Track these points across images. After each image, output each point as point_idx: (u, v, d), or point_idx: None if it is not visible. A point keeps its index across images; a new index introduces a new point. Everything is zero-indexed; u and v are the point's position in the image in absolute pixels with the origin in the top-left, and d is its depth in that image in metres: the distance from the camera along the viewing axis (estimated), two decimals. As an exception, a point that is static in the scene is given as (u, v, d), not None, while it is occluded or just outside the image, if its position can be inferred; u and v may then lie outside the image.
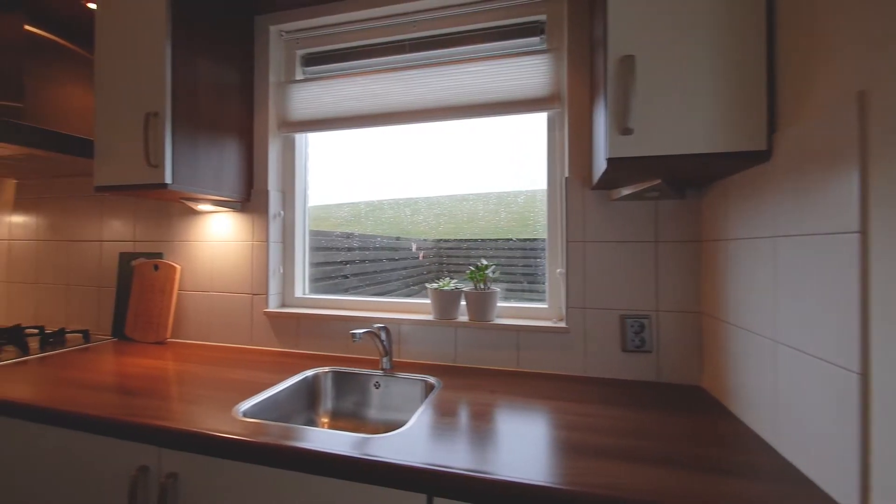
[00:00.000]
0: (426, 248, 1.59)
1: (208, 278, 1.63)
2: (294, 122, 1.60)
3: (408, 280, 1.63)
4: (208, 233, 1.64)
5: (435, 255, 1.57)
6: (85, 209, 1.84)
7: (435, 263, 1.56)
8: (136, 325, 1.64)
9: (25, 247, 1.95)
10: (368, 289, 1.62)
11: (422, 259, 1.78)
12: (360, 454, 0.76)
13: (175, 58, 1.27)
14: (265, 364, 1.35)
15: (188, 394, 1.06)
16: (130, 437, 0.88)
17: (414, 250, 1.78)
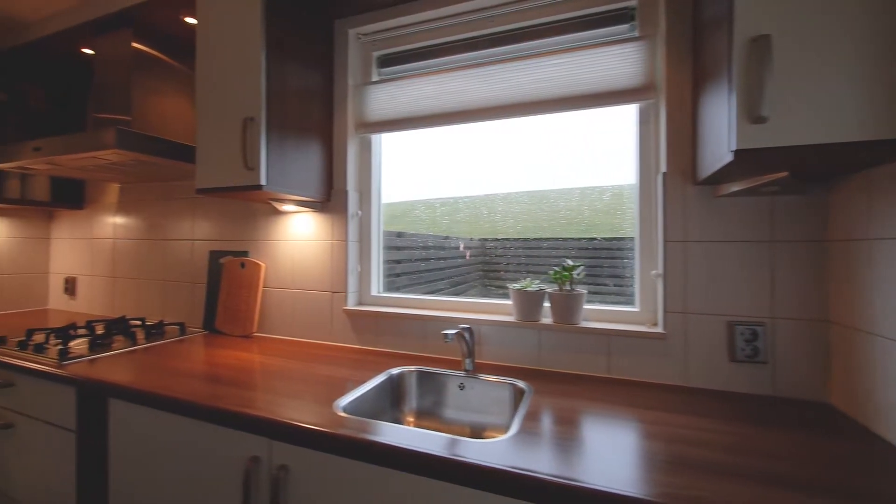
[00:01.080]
0: (473, 246, 1.59)
1: (290, 276, 1.70)
2: (371, 122, 1.62)
3: (465, 278, 1.60)
4: (290, 232, 1.70)
5: (500, 255, 1.53)
6: (178, 211, 1.98)
7: (501, 263, 1.53)
8: (226, 319, 1.74)
9: (127, 245, 2.13)
10: (419, 287, 1.63)
11: (468, 259, 1.75)
12: (477, 460, 0.74)
13: (269, 65, 1.32)
14: (348, 360, 1.38)
15: (287, 388, 1.10)
16: (244, 427, 0.92)
17: (461, 249, 1.76)
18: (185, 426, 1.02)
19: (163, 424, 1.05)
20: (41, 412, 1.28)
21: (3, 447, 1.37)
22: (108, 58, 1.74)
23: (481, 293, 1.59)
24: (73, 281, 2.29)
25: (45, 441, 1.26)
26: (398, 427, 0.87)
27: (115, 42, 1.72)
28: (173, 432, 1.03)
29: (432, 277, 1.69)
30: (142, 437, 1.08)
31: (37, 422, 1.29)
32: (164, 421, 1.05)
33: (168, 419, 1.04)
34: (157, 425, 1.06)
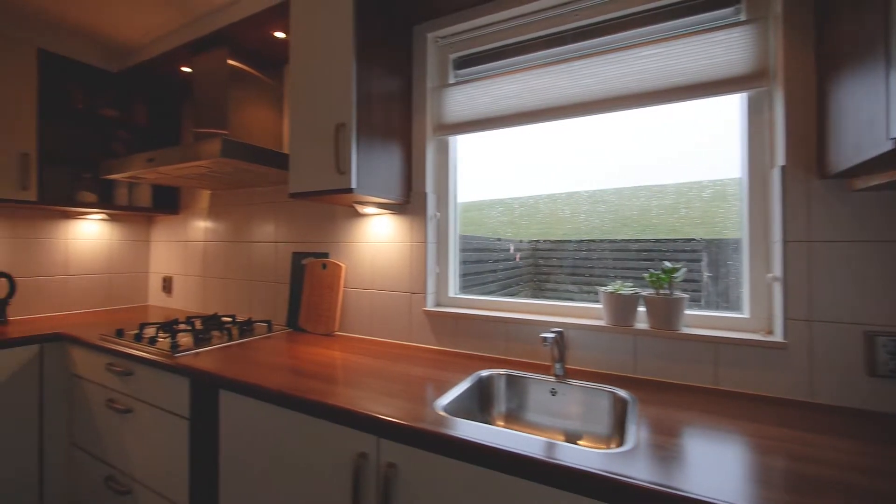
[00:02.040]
0: (542, 248, 1.56)
1: (369, 276, 1.74)
2: (449, 124, 1.63)
3: (517, 280, 1.55)
4: (369, 234, 1.75)
5: (584, 257, 1.47)
6: (262, 215, 2.11)
7: (585, 265, 1.46)
8: (308, 318, 1.82)
9: (216, 247, 2.30)
10: (476, 289, 1.61)
11: (518, 261, 1.71)
12: (606, 471, 0.70)
13: (358, 72, 1.36)
14: (430, 361, 1.38)
15: (382, 387, 1.12)
16: (353, 424, 0.95)
17: (511, 251, 1.72)
18: (293, 420, 1.07)
19: (271, 417, 1.11)
20: (157, 399, 1.39)
21: (123, 430, 1.51)
22: (206, 75, 1.89)
23: (534, 296, 1.54)
24: (170, 280, 2.50)
25: (161, 426, 1.38)
26: (508, 431, 0.85)
27: (213, 60, 1.86)
28: (281, 425, 1.09)
29: (488, 279, 1.68)
30: (250, 427, 1.15)
31: (153, 408, 1.41)
32: (272, 413, 1.10)
33: (276, 412, 1.09)
34: (266, 417, 1.12)
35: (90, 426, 1.65)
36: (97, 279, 2.39)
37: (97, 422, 1.61)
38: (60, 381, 1.76)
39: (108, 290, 2.43)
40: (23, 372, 1.66)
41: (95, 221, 2.38)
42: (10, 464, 1.62)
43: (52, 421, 1.73)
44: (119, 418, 1.52)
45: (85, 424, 1.67)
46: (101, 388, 1.59)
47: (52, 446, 1.73)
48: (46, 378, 1.72)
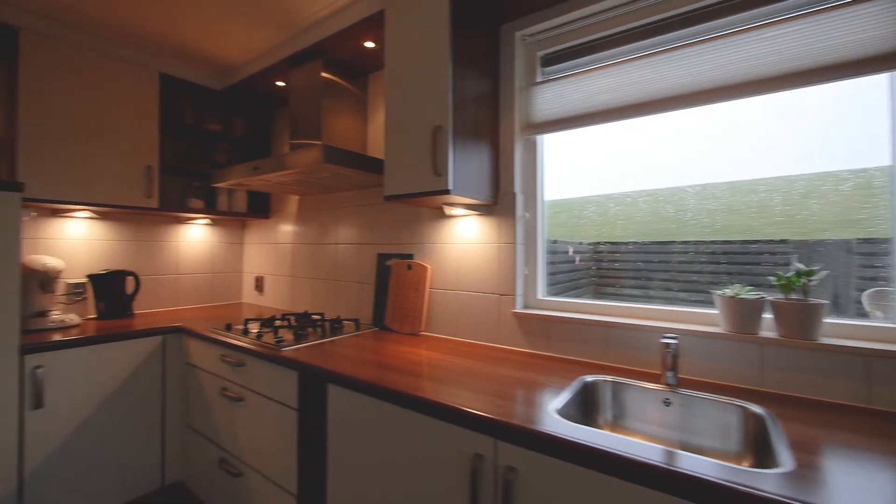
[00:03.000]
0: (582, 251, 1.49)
1: (455, 277, 1.75)
2: (537, 123, 1.60)
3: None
4: (455, 235, 1.76)
5: (685, 259, 1.36)
6: (348, 218, 2.20)
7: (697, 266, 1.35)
8: (394, 317, 1.87)
9: (304, 249, 2.44)
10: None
11: (578, 263, 1.63)
12: (793, 498, 0.64)
13: (454, 75, 1.38)
14: (524, 364, 1.36)
15: (486, 387, 1.11)
16: (468, 425, 0.95)
17: (570, 254, 1.63)
18: (403, 417, 1.09)
19: (380, 413, 1.14)
20: (267, 389, 1.49)
21: (234, 417, 1.64)
22: (301, 88, 2.02)
23: (620, 299, 1.44)
24: (262, 279, 2.70)
25: (270, 415, 1.48)
26: (642, 442, 0.80)
27: (307, 73, 1.98)
28: (390, 421, 1.11)
29: (560, 280, 1.62)
30: (358, 422, 1.19)
31: (262, 398, 1.51)
32: (381, 410, 1.14)
33: (385, 408, 1.12)
34: (374, 413, 1.15)
35: (204, 411, 1.81)
36: (201, 278, 2.63)
37: (211, 408, 1.77)
38: (178, 369, 1.95)
39: (209, 287, 2.67)
40: (149, 359, 1.86)
41: (200, 226, 2.63)
42: (138, 441, 1.82)
43: (172, 405, 1.93)
44: (231, 405, 1.65)
45: (199, 409, 1.84)
46: (215, 378, 1.74)
47: (171, 428, 1.93)
48: (167, 366, 1.92)
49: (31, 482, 1.54)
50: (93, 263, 2.19)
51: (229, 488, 1.65)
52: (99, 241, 2.21)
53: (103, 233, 2.23)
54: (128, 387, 1.79)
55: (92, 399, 1.69)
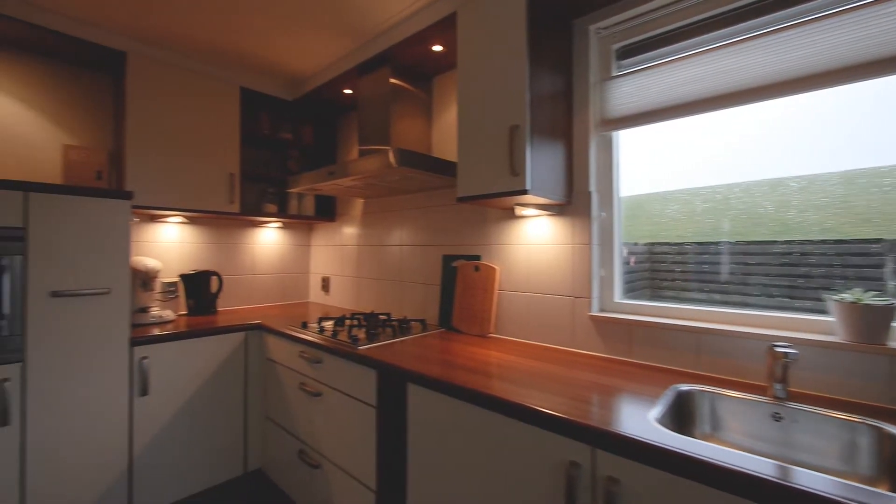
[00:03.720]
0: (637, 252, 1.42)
1: (524, 279, 1.72)
2: (613, 119, 1.53)
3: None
4: (524, 236, 1.73)
5: (787, 261, 1.23)
6: (413, 219, 2.24)
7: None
8: (462, 319, 1.87)
9: (369, 250, 2.52)
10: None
11: (632, 265, 1.54)
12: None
13: (531, 73, 1.36)
14: (607, 369, 1.30)
15: (572, 392, 1.07)
16: (563, 431, 0.92)
17: (625, 255, 1.54)
18: (488, 419, 1.08)
19: (463, 414, 1.14)
20: (345, 386, 1.55)
21: (312, 411, 1.72)
22: (370, 95, 2.08)
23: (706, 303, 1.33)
24: (328, 280, 2.82)
25: (348, 411, 1.53)
26: (757, 457, 0.74)
27: (376, 80, 2.04)
28: (475, 424, 1.11)
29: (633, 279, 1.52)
30: (440, 422, 1.20)
31: (341, 394, 1.57)
32: (464, 411, 1.13)
33: (469, 410, 1.12)
34: (457, 414, 1.15)
35: (282, 404, 1.91)
36: (273, 278, 2.79)
37: (289, 401, 1.86)
38: (258, 364, 2.08)
39: (280, 287, 2.83)
40: (234, 353, 2.00)
41: (273, 229, 2.79)
42: (224, 429, 1.96)
43: (253, 397, 2.06)
44: (309, 400, 1.73)
45: (278, 402, 1.95)
46: (293, 373, 1.83)
47: (252, 418, 2.05)
48: (249, 360, 2.05)
49: (138, 460, 1.70)
50: (183, 264, 2.39)
51: (308, 478, 1.73)
52: (188, 244, 2.41)
53: (191, 236, 2.42)
54: (215, 378, 1.93)
55: (186, 389, 1.84)
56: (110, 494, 1.63)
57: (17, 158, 1.93)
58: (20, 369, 1.45)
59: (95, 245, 1.61)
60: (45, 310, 1.50)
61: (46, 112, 2.01)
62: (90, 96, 2.13)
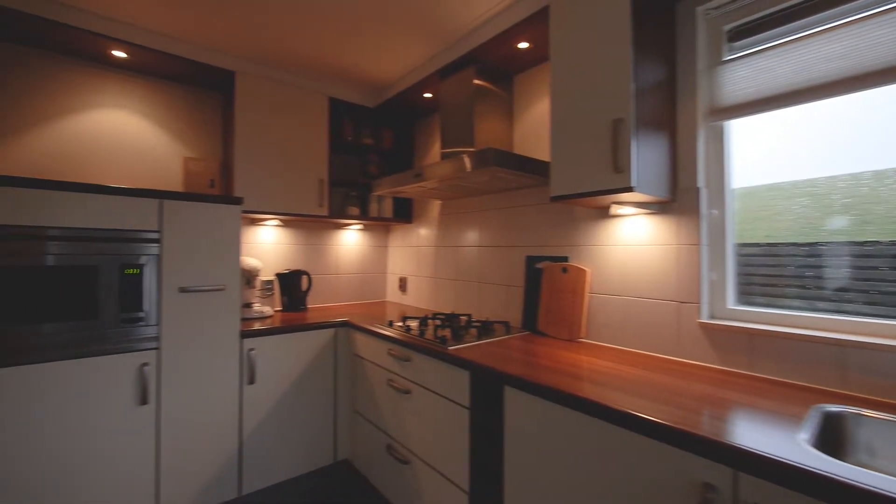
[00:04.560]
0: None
1: (619, 282, 1.63)
2: (727, 107, 1.39)
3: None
4: (618, 237, 1.64)
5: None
6: (493, 220, 2.22)
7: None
8: (548, 322, 1.82)
9: (447, 252, 2.54)
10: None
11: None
12: None
13: (635, 62, 1.28)
14: (726, 383, 1.18)
15: (693, 406, 0.98)
16: (692, 448, 0.84)
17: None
18: (602, 432, 1.03)
19: (570, 423, 1.09)
20: (435, 385, 1.57)
21: (400, 407, 1.76)
22: (453, 97, 2.10)
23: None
24: (405, 280, 2.89)
25: (439, 410, 1.54)
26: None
27: (460, 82, 2.06)
28: (584, 434, 1.06)
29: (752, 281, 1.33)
30: (543, 430, 1.16)
31: (431, 393, 1.59)
32: (572, 420, 1.09)
33: (578, 419, 1.07)
34: (562, 422, 1.11)
35: (370, 399, 1.98)
36: (354, 277, 2.92)
37: (377, 397, 1.93)
38: (346, 359, 2.18)
39: (360, 286, 2.96)
40: (325, 348, 2.12)
41: (354, 231, 2.92)
42: (317, 420, 2.08)
43: (341, 390, 2.16)
44: (397, 396, 1.78)
45: (365, 397, 2.03)
46: (381, 369, 1.89)
47: (341, 411, 2.16)
48: (338, 355, 2.16)
49: (247, 443, 1.86)
50: (277, 264, 2.58)
51: (396, 473, 1.78)
52: (282, 245, 2.60)
53: (285, 238, 2.61)
54: (308, 371, 2.05)
55: (285, 380, 1.98)
56: (224, 471, 1.79)
57: (148, 170, 2.21)
58: (156, 355, 1.64)
59: (213, 246, 1.79)
60: (174, 304, 1.69)
61: (169, 128, 2.28)
62: (204, 113, 2.38)
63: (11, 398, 1.37)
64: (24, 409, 1.39)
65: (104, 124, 2.09)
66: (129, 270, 1.59)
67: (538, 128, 2.00)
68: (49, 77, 1.96)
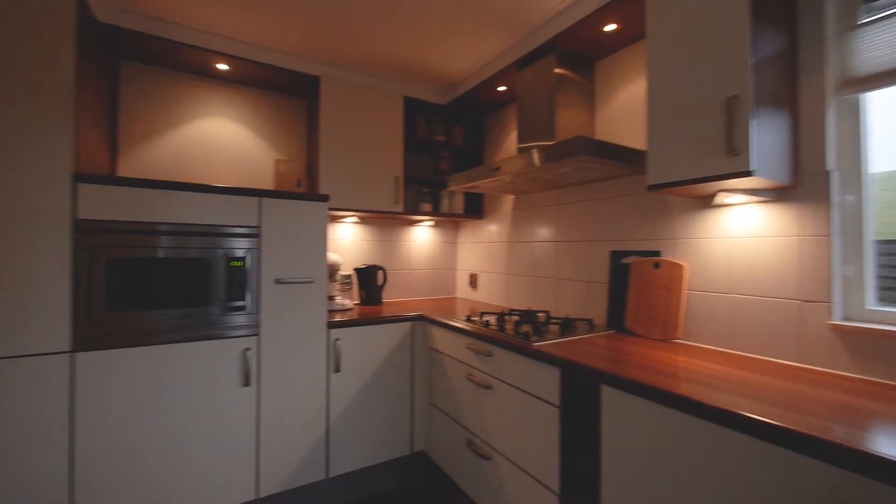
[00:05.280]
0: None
1: (724, 278, 1.48)
2: (863, 77, 1.21)
3: None
4: (724, 228, 1.49)
5: None
6: (571, 214, 2.13)
7: None
8: (638, 320, 1.70)
9: (521, 247, 2.49)
10: None
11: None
12: None
13: (753, 31, 1.15)
14: (856, 390, 1.01)
15: (853, 419, 0.86)
16: (860, 469, 0.73)
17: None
18: (727, 441, 0.94)
19: (687, 430, 1.01)
20: (520, 382, 1.53)
21: (481, 402, 1.75)
22: (531, 88, 2.05)
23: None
24: (476, 276, 2.88)
25: (524, 408, 1.51)
26: None
27: (538, 72, 2.00)
28: (702, 443, 0.97)
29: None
30: (648, 435, 1.08)
31: (514, 389, 1.56)
32: (688, 427, 1.00)
33: (693, 425, 0.99)
34: (675, 428, 1.03)
35: (447, 393, 2.00)
36: (425, 273, 2.97)
37: (454, 391, 1.93)
38: (422, 352, 2.21)
39: (431, 282, 3.00)
40: (402, 341, 2.16)
41: (425, 227, 2.97)
42: (394, 411, 2.13)
43: (418, 383, 2.20)
44: (478, 391, 1.76)
45: (442, 390, 2.04)
46: (459, 364, 1.89)
47: (418, 403, 2.20)
48: (415, 348, 2.20)
49: (332, 428, 1.96)
50: (355, 259, 2.69)
51: (476, 468, 1.77)
52: (359, 241, 2.71)
53: (361, 234, 2.72)
54: (387, 363, 2.11)
55: (366, 370, 2.05)
56: (314, 453, 1.90)
57: (244, 172, 2.41)
58: (257, 341, 1.78)
59: (303, 240, 1.90)
60: (271, 294, 1.82)
61: (261, 133, 2.46)
62: (290, 118, 2.55)
63: (137, 374, 1.55)
64: (147, 384, 1.57)
65: (208, 131, 2.31)
66: (234, 262, 1.74)
67: (623, 115, 1.89)
68: (164, 92, 2.20)
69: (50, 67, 1.43)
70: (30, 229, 1.40)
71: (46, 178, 1.42)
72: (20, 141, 1.39)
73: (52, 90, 1.43)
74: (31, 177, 1.40)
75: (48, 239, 1.42)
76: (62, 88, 1.44)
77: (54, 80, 1.43)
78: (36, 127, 1.41)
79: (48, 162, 1.42)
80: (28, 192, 1.40)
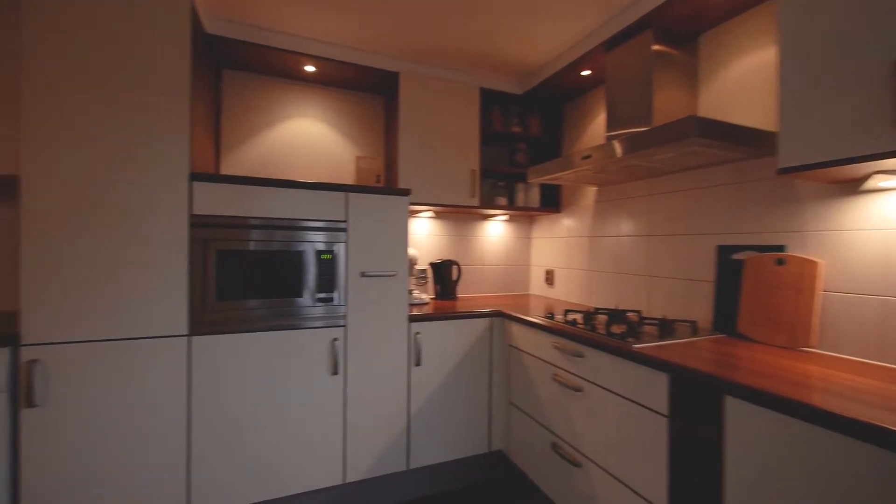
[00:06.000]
0: None
1: (880, 278, 1.25)
2: None
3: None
4: (875, 219, 1.25)
5: None
6: (666, 205, 1.95)
7: None
8: (755, 323, 1.50)
9: (603, 242, 2.33)
10: None
11: None
12: None
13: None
14: None
15: None
16: None
17: None
18: (887, 463, 0.77)
19: (830, 449, 0.85)
20: (617, 386, 1.42)
21: (570, 406, 1.65)
22: (623, 68, 1.89)
23: None
24: (552, 273, 2.76)
25: (624, 415, 1.39)
26: None
27: (633, 50, 1.84)
28: (863, 469, 0.81)
29: None
30: (793, 458, 0.93)
31: (610, 394, 1.45)
32: (832, 446, 0.85)
33: (851, 450, 0.83)
34: (820, 448, 0.87)
35: (529, 392, 1.92)
36: (498, 269, 2.91)
37: (537, 391, 1.85)
38: (501, 349, 2.16)
39: (505, 278, 2.93)
40: (481, 337, 2.12)
41: (499, 222, 2.90)
42: (472, 407, 2.09)
43: (497, 380, 2.15)
44: (565, 393, 1.67)
45: (523, 389, 1.97)
46: (543, 363, 1.81)
47: (496, 401, 2.15)
48: (493, 345, 2.15)
49: (413, 420, 1.97)
50: (430, 253, 2.70)
51: (563, 474, 1.68)
52: (434, 236, 2.72)
53: (436, 228, 2.72)
54: (466, 359, 2.08)
55: (445, 365, 2.04)
56: (396, 444, 1.93)
57: (328, 169, 2.51)
58: (344, 332, 1.84)
59: (386, 234, 1.93)
60: (357, 287, 1.87)
61: (343, 131, 2.55)
62: (369, 115, 2.61)
63: (241, 358, 1.66)
64: (250, 368, 1.68)
65: (295, 131, 2.43)
66: (325, 255, 1.80)
67: (735, 92, 1.67)
68: (259, 96, 2.35)
69: (170, 80, 1.57)
70: (155, 223, 1.55)
71: (167, 178, 1.57)
72: (146, 146, 1.54)
73: (171, 100, 1.57)
74: (154, 177, 1.55)
75: (170, 232, 1.57)
76: (180, 99, 1.58)
77: (174, 90, 1.57)
78: (158, 133, 1.55)
79: (169, 163, 1.57)
80: (153, 190, 1.55)
